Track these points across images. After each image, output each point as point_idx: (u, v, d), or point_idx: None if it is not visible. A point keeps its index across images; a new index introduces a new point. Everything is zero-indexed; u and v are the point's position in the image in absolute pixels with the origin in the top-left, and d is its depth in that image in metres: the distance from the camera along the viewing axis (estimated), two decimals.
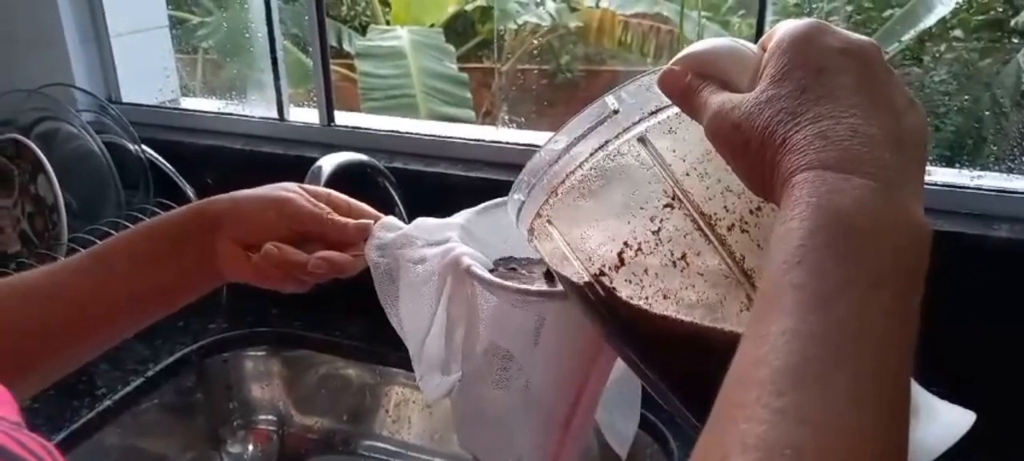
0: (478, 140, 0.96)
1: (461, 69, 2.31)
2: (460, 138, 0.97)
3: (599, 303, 0.39)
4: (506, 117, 2.30)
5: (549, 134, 0.40)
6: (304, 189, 0.53)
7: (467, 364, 0.50)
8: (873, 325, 0.23)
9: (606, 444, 0.57)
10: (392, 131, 1.01)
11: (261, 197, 0.52)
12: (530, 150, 0.40)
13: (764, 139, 0.28)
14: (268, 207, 0.52)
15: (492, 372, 0.50)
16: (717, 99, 0.31)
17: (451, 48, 2.33)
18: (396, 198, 0.85)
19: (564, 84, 3.06)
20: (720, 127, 0.30)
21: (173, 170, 0.99)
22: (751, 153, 0.29)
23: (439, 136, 0.98)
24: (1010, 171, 0.82)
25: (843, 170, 0.26)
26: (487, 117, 2.64)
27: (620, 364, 0.53)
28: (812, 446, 0.21)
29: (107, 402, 0.82)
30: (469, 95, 2.23)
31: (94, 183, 0.93)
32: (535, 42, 2.99)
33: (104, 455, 0.82)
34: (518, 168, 0.43)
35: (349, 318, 0.98)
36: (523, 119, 2.13)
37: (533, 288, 0.48)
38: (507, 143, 0.95)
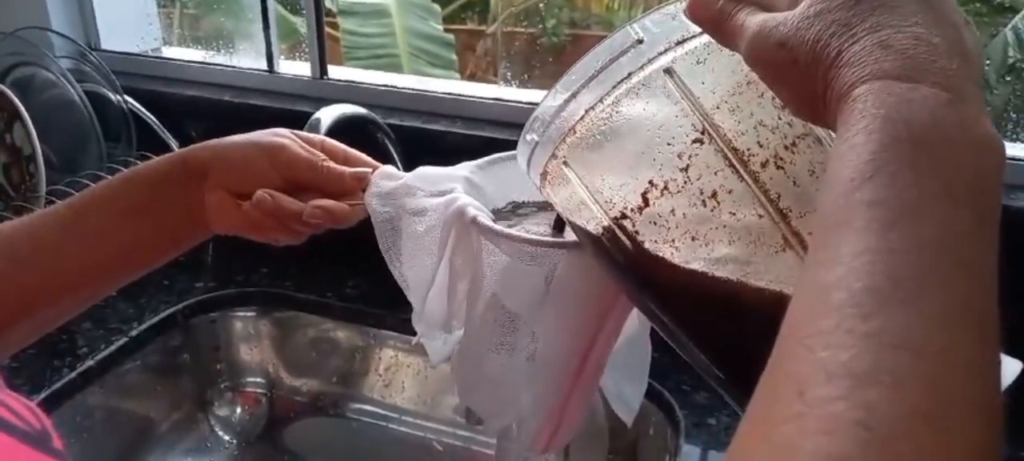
0: (478, 97, 0.93)
1: (446, 30, 2.25)
2: (459, 95, 0.93)
3: (619, 252, 0.36)
4: (508, 74, 2.25)
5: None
6: (297, 136, 0.50)
7: (470, 322, 0.48)
8: (959, 244, 0.21)
9: (612, 413, 0.55)
10: (389, 86, 0.97)
11: (252, 143, 0.49)
12: (532, 108, 0.38)
13: (816, 54, 0.26)
14: (260, 154, 0.48)
15: (496, 331, 0.48)
16: (756, 19, 0.28)
17: (437, 7, 2.27)
18: (395, 155, 0.82)
19: (550, 48, 3.02)
20: (763, 48, 0.27)
21: (157, 122, 0.95)
22: (799, 72, 0.26)
23: (437, 92, 0.94)
24: None
25: (910, 80, 0.23)
26: (473, 80, 2.58)
27: (628, 328, 0.51)
28: (913, 372, 0.19)
29: (90, 362, 0.79)
30: (454, 57, 2.18)
31: (74, 133, 0.89)
32: (520, 4, 2.93)
33: (87, 416, 0.79)
34: (519, 127, 0.40)
35: (341, 279, 0.95)
36: (515, 82, 2.09)
37: (544, 239, 0.45)
38: (508, 101, 0.92)
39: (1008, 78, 1.99)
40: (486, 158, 0.52)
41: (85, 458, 0.79)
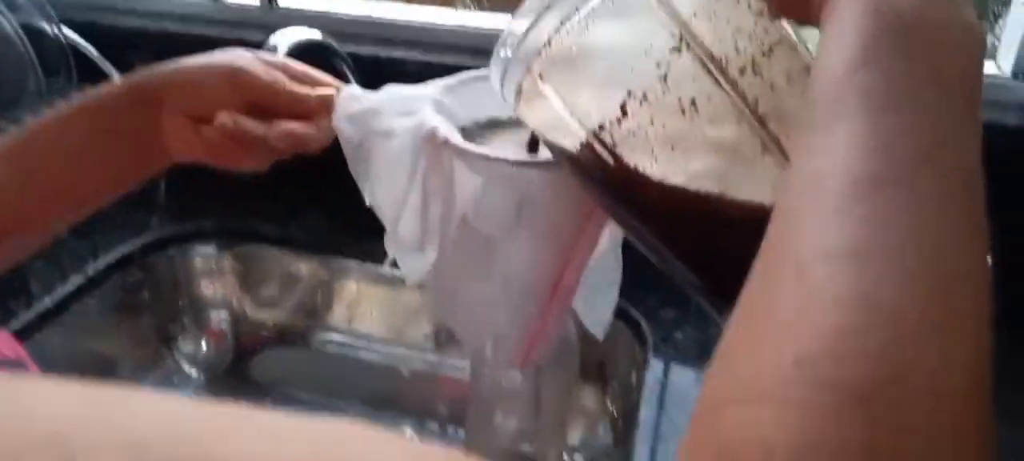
0: (437, 24, 0.90)
1: None
2: (418, 22, 0.91)
3: (597, 167, 0.36)
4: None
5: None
6: (258, 56, 0.48)
7: (444, 244, 0.48)
8: (953, 130, 0.22)
9: (582, 328, 0.56)
10: (344, 14, 0.94)
11: (210, 65, 0.47)
12: (494, 34, 0.37)
13: None
14: (217, 75, 0.46)
15: (471, 253, 0.48)
16: None
17: None
18: (355, 84, 0.80)
19: None
20: None
21: (97, 53, 0.90)
22: None
23: (395, 20, 0.91)
24: None
25: None
26: (430, 4, 2.50)
27: (600, 245, 0.52)
28: (911, 246, 0.19)
29: (46, 302, 0.77)
30: None
31: (9, 68, 0.84)
32: None
33: (45, 359, 0.77)
34: (481, 53, 0.39)
35: (303, 210, 0.94)
36: (473, 5, 2.03)
37: (518, 159, 0.45)
38: (468, 27, 0.90)
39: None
40: (454, 76, 0.51)
41: None
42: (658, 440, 0.66)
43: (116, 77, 0.90)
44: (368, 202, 0.48)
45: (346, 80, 0.79)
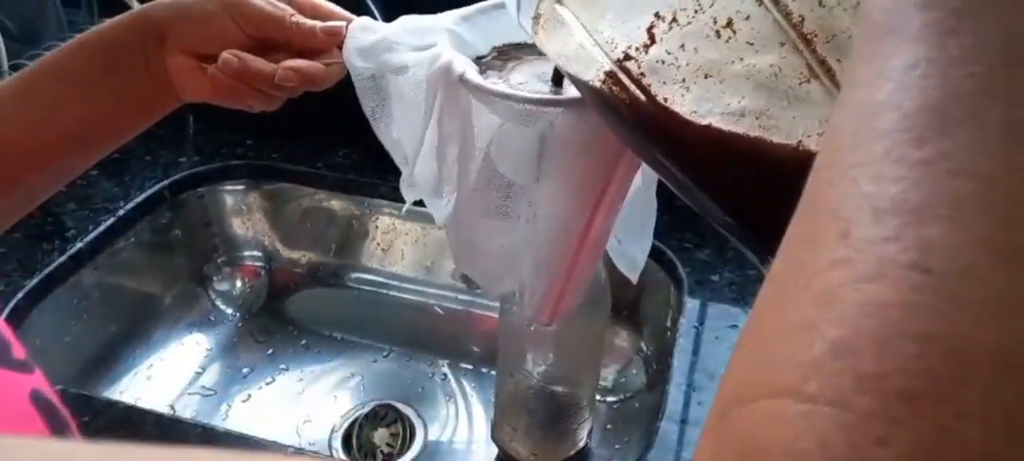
0: None
1: None
2: None
3: (624, 103, 0.32)
4: None
5: None
6: None
7: (463, 186, 0.45)
8: None
9: (614, 270, 0.54)
10: None
11: None
12: None
13: None
14: (220, 10, 0.44)
15: (491, 196, 0.45)
16: None
17: None
18: (375, 14, 0.76)
19: None
20: None
21: None
22: None
23: None
24: None
25: None
26: None
27: (633, 184, 0.48)
28: (977, 200, 0.16)
29: (79, 243, 0.77)
30: None
31: (29, 2, 0.83)
32: None
33: (83, 296, 0.79)
34: None
35: (331, 147, 0.92)
36: None
37: (539, 96, 0.41)
38: None
39: None
40: (472, 7, 0.48)
41: (87, 338, 0.79)
42: (693, 382, 0.64)
43: (136, 7, 0.88)
44: (383, 142, 0.46)
45: (368, 13, 0.76)
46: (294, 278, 0.94)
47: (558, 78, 0.43)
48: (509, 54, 0.47)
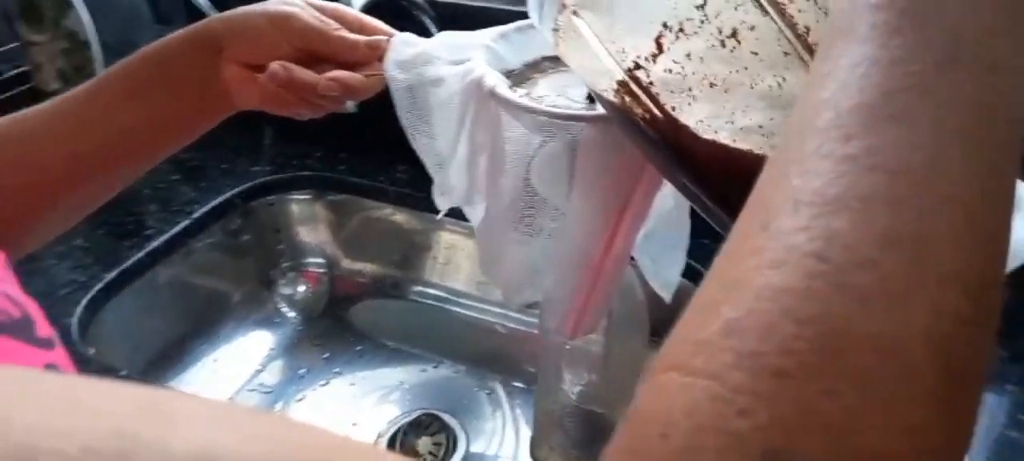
0: None
1: None
2: None
3: (636, 114, 0.33)
4: None
5: None
6: (310, 3, 0.48)
7: (492, 196, 0.46)
8: (975, 47, 0.18)
9: (650, 289, 0.53)
10: None
11: (261, 13, 0.47)
12: None
13: None
14: (269, 24, 0.47)
15: (518, 207, 0.46)
16: None
17: None
18: (431, 32, 0.79)
19: None
20: None
21: (208, 3, 0.94)
22: None
23: None
24: None
25: None
26: None
27: (662, 204, 0.48)
28: (886, 195, 0.16)
29: (155, 242, 0.83)
30: None
31: (126, 16, 0.90)
32: None
33: (157, 292, 0.84)
34: None
35: (395, 163, 0.95)
36: None
37: (564, 110, 0.42)
38: None
39: None
40: (510, 25, 0.49)
41: (158, 331, 0.84)
42: None
43: None
44: (417, 152, 0.47)
45: (426, 33, 0.78)
46: (354, 286, 0.97)
47: (591, 94, 0.44)
48: (542, 68, 0.47)
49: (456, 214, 0.89)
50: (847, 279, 0.15)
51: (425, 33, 0.77)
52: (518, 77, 0.47)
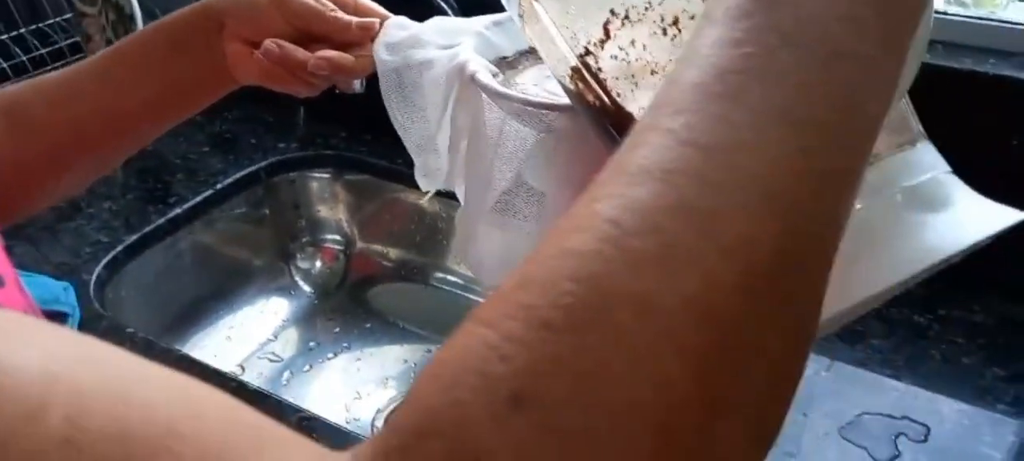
0: None
1: None
2: None
3: (589, 101, 0.33)
4: None
5: None
6: None
7: (470, 180, 0.47)
8: (818, 33, 0.18)
9: None
10: None
11: None
12: None
13: None
14: (269, 2, 0.48)
15: (495, 192, 0.46)
16: None
17: None
18: (448, 13, 0.79)
19: None
20: None
21: None
22: None
23: None
24: None
25: None
26: None
27: None
28: (688, 168, 0.17)
29: (178, 209, 0.86)
30: None
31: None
32: None
33: (179, 256, 0.87)
34: None
35: None
36: None
37: (540, 99, 0.42)
38: None
39: None
40: (505, 13, 0.49)
41: (177, 294, 0.87)
42: None
43: None
44: (399, 132, 0.48)
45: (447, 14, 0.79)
46: (370, 265, 1.00)
47: None
48: (535, 55, 0.48)
49: None
50: (630, 243, 0.16)
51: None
52: (510, 64, 0.47)
